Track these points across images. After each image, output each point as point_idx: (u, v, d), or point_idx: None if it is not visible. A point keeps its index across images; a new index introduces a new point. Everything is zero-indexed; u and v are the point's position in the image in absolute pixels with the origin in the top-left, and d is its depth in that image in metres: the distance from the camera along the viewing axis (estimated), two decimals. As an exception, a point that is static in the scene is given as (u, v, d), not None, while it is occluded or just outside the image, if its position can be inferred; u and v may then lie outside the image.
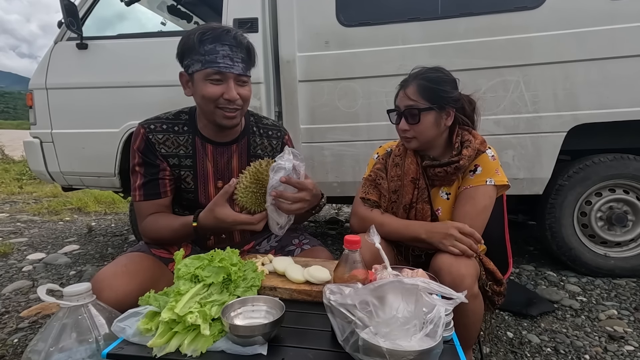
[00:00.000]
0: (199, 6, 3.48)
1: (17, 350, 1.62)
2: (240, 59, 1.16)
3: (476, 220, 1.20)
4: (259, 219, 1.10)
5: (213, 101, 1.16)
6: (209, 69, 1.13)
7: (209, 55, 1.12)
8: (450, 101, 1.25)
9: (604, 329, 1.77)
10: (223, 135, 1.29)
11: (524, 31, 2.07)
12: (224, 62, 1.13)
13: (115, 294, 0.97)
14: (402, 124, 1.27)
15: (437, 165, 1.26)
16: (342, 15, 2.22)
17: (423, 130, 1.25)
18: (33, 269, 2.57)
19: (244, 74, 1.18)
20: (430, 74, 1.26)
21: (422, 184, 1.29)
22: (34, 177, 6.44)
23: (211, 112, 1.19)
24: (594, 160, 2.24)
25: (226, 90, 1.15)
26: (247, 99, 1.21)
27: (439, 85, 1.24)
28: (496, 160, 1.26)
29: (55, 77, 2.52)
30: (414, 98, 1.23)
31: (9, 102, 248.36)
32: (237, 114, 1.20)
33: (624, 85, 2.04)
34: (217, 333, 0.76)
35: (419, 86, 1.24)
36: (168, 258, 1.19)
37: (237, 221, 1.09)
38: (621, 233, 2.31)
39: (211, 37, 1.13)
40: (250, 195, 1.08)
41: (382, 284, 0.73)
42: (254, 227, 1.10)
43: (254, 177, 1.08)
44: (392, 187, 1.34)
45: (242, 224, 1.10)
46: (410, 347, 0.64)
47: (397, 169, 1.34)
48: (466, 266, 1.09)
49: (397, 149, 1.39)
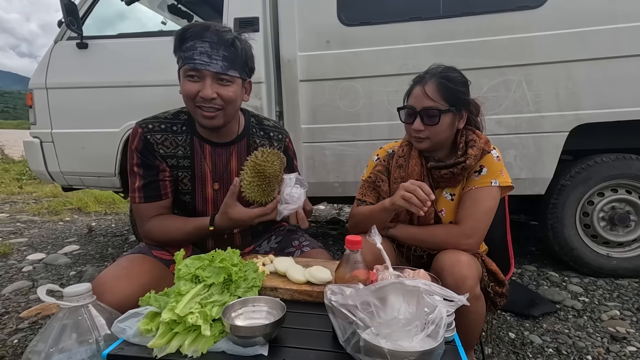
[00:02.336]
0: (200, 5, 3.47)
1: (17, 351, 1.61)
2: (220, 57, 1.12)
3: (481, 221, 1.20)
4: (272, 208, 1.15)
5: (191, 99, 1.15)
6: (186, 65, 1.12)
7: (188, 51, 1.11)
8: (466, 103, 1.23)
9: (607, 330, 1.77)
10: (220, 136, 1.27)
11: (526, 30, 2.06)
12: (200, 58, 1.10)
13: (117, 297, 0.96)
14: (418, 124, 1.22)
15: (443, 166, 1.24)
16: (343, 14, 2.22)
17: (439, 132, 1.22)
18: (33, 269, 2.56)
19: (224, 72, 1.13)
20: (450, 73, 1.22)
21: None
22: (34, 177, 6.44)
23: (192, 110, 1.18)
24: (596, 160, 2.23)
25: (202, 88, 1.12)
26: (228, 99, 1.15)
27: (458, 86, 1.20)
28: (501, 161, 1.25)
29: (56, 76, 2.51)
30: (434, 98, 1.19)
31: (8, 102, 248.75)
32: (216, 114, 1.16)
33: (627, 85, 2.03)
34: (218, 334, 0.75)
35: (439, 85, 1.19)
36: (169, 260, 1.18)
37: (253, 216, 1.13)
38: (623, 233, 2.30)
39: (192, 33, 1.11)
40: (257, 189, 1.11)
41: (383, 285, 0.73)
42: (270, 217, 1.15)
43: (254, 170, 1.09)
44: (394, 189, 1.30)
45: (258, 217, 1.14)
46: (411, 348, 0.64)
47: (401, 171, 1.31)
48: (468, 267, 1.08)
49: (400, 150, 1.35)
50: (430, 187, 1.26)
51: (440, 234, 1.24)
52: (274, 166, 1.10)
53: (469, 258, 1.13)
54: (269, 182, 1.10)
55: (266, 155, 1.10)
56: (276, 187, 1.15)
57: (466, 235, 1.20)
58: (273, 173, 1.10)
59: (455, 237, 1.21)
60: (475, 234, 1.20)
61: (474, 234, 1.20)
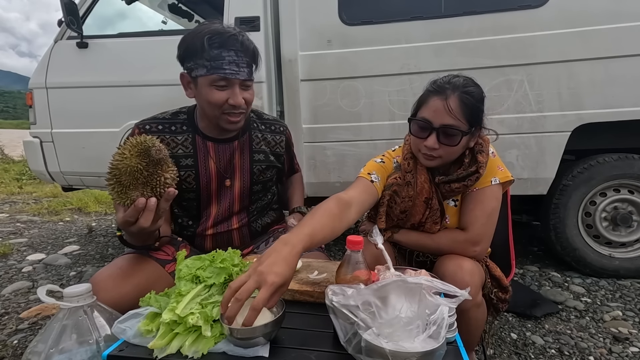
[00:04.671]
0: (200, 4, 3.47)
1: (17, 351, 1.61)
2: (245, 64, 1.16)
3: (487, 225, 1.16)
4: (139, 205, 0.91)
5: (219, 107, 1.16)
6: (215, 75, 1.12)
7: (215, 61, 1.11)
8: (482, 121, 1.14)
9: (609, 330, 1.76)
10: (224, 132, 1.29)
11: (527, 30, 2.05)
12: (229, 68, 1.12)
13: (111, 295, 0.96)
14: (432, 141, 1.09)
15: (455, 180, 1.15)
16: (344, 13, 2.21)
17: (454, 152, 1.12)
18: (33, 269, 2.56)
19: (249, 78, 1.19)
20: (471, 87, 1.10)
21: (435, 204, 1.18)
22: (34, 177, 6.44)
23: (216, 117, 1.19)
24: (598, 160, 2.22)
25: (231, 96, 1.15)
26: (250, 102, 1.22)
27: (479, 104, 1.10)
28: (496, 156, 1.20)
29: (56, 76, 2.51)
30: (457, 116, 1.06)
31: (8, 102, 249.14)
32: (241, 117, 1.21)
33: (629, 85, 2.02)
34: (219, 334, 0.74)
35: (462, 102, 1.06)
36: (165, 259, 1.18)
37: (122, 220, 0.94)
38: (626, 233, 2.29)
39: (218, 42, 1.11)
40: (114, 191, 0.92)
41: (384, 284, 0.72)
42: (146, 215, 0.92)
43: (111, 174, 0.92)
44: (401, 207, 1.21)
45: (130, 218, 0.93)
46: (413, 349, 0.63)
47: (409, 189, 1.19)
48: (471, 274, 1.06)
49: (405, 164, 1.21)
50: (438, 202, 1.19)
51: (446, 241, 1.19)
52: (125, 163, 0.90)
53: (472, 264, 1.11)
54: (120, 182, 0.92)
55: (117, 155, 0.92)
56: (135, 187, 0.92)
57: (473, 243, 1.15)
58: (125, 170, 0.90)
59: (461, 245, 1.16)
60: (483, 241, 1.16)
61: (481, 240, 1.16)
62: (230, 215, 1.34)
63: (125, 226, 0.96)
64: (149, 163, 0.91)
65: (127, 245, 1.09)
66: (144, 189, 0.92)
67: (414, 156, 1.21)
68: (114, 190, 0.92)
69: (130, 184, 0.91)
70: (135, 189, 0.91)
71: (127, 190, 0.91)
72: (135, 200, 0.90)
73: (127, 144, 0.91)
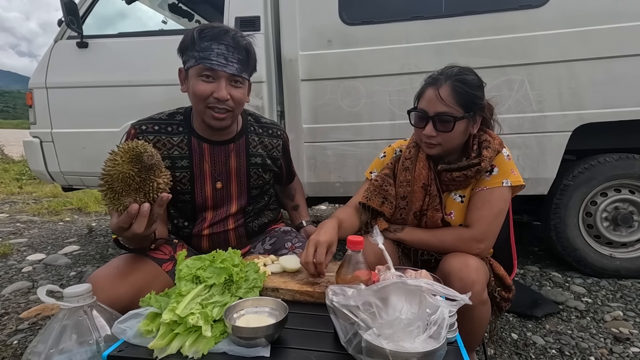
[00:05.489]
0: (201, 4, 3.47)
1: (17, 352, 1.60)
2: (236, 60, 1.15)
3: (492, 224, 1.17)
4: (132, 211, 0.90)
5: (203, 99, 1.15)
6: (201, 64, 1.12)
7: (204, 51, 1.12)
8: (481, 108, 1.17)
9: (610, 331, 1.75)
10: (220, 134, 1.28)
11: (528, 30, 2.05)
12: (217, 60, 1.12)
13: (107, 295, 0.96)
14: (429, 129, 1.15)
15: (456, 169, 1.18)
16: (345, 13, 2.21)
17: (452, 139, 1.16)
18: (33, 269, 2.56)
19: (238, 74, 1.16)
20: (466, 75, 1.14)
21: (434, 190, 1.22)
22: (34, 177, 6.44)
23: (202, 111, 1.18)
24: (599, 160, 2.22)
25: (216, 89, 1.14)
26: (239, 101, 1.19)
27: (474, 91, 1.14)
28: (511, 160, 1.21)
29: (56, 76, 2.51)
30: (449, 103, 1.11)
31: (8, 102, 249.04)
32: (226, 115, 1.19)
33: (630, 84, 2.01)
34: (219, 334, 0.74)
35: (454, 89, 1.11)
36: (162, 259, 1.18)
37: (116, 226, 0.93)
38: (627, 234, 2.29)
39: (209, 34, 1.12)
40: (107, 197, 0.91)
41: (385, 285, 0.72)
42: (140, 221, 0.91)
43: (104, 181, 0.90)
44: (400, 192, 1.26)
45: (124, 224, 0.92)
46: (413, 349, 0.63)
47: (407, 174, 1.25)
48: (477, 272, 1.07)
49: (407, 152, 1.29)
50: (438, 190, 1.22)
51: (450, 238, 1.20)
52: (117, 169, 0.88)
53: (478, 262, 1.11)
54: (113, 188, 0.90)
55: (109, 161, 0.90)
56: (127, 193, 0.91)
57: (477, 240, 1.16)
58: (117, 177, 0.88)
59: (465, 242, 1.17)
60: (487, 239, 1.17)
61: (486, 238, 1.17)
62: (226, 217, 1.34)
63: (119, 232, 0.95)
64: (142, 169, 0.90)
65: (123, 248, 1.09)
66: (137, 195, 0.91)
67: (417, 145, 1.28)
68: (106, 196, 0.90)
69: (123, 190, 0.89)
70: (128, 195, 0.90)
71: (119, 196, 0.90)
72: (128, 206, 0.89)
73: (119, 149, 0.90)
